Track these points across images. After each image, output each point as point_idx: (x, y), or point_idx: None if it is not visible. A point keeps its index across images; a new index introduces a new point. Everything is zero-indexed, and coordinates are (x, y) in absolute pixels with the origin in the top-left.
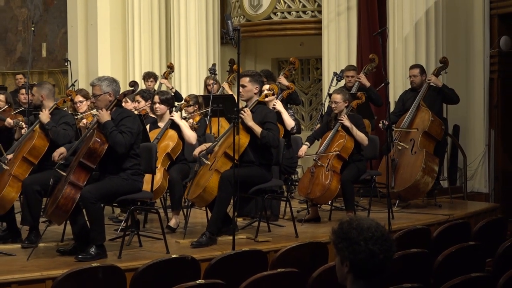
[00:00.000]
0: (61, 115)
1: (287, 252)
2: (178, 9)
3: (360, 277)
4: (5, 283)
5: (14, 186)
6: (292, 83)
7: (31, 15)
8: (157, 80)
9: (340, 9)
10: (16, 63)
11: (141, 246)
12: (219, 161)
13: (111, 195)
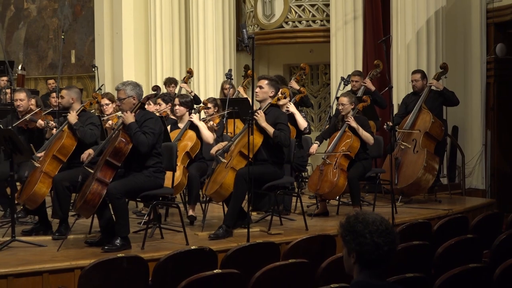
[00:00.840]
0: (87, 116)
1: (297, 244)
2: (196, 18)
3: (365, 267)
4: (37, 272)
5: (45, 182)
6: (303, 87)
7: (61, 24)
8: (177, 84)
9: (347, 19)
10: (47, 68)
11: (163, 238)
12: (234, 159)
13: (135, 191)
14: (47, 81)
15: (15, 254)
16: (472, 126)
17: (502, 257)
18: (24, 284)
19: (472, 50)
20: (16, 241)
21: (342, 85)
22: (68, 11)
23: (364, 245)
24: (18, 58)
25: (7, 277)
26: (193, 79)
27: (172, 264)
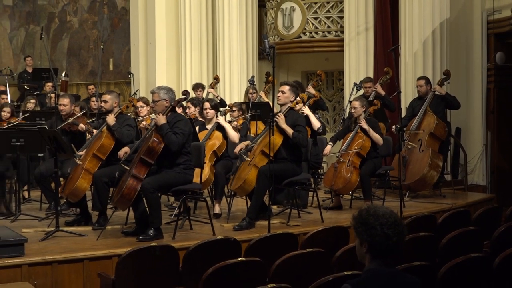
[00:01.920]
0: (124, 118)
1: (314, 235)
2: (222, 30)
3: (376, 256)
4: (78, 259)
5: (86, 178)
6: (319, 92)
7: (101, 35)
8: (204, 89)
9: (360, 30)
10: (87, 75)
11: (192, 229)
12: (257, 158)
13: (166, 186)
14: (88, 86)
15: (58, 243)
16: (474, 128)
17: (501, 247)
18: (66, 270)
19: (474, 58)
20: (59, 231)
21: (354, 90)
22: (106, 23)
23: (375, 236)
24: (62, 66)
25: (52, 264)
26: (219, 84)
27: (200, 253)
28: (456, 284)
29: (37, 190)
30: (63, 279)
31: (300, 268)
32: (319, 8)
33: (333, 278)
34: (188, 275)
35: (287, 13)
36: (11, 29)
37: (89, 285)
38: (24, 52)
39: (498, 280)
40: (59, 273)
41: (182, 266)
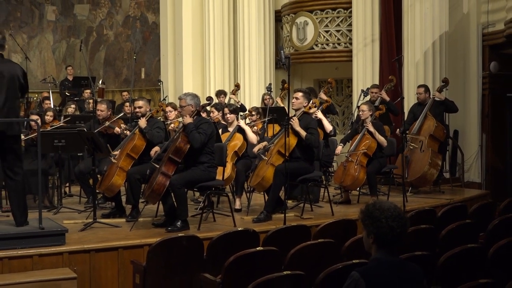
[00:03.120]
0: (154, 121)
1: (325, 227)
2: (243, 42)
3: (382, 246)
4: (113, 248)
5: (120, 175)
6: (330, 98)
7: (134, 47)
8: (227, 95)
9: (366, 41)
10: (122, 83)
11: (215, 221)
12: (273, 157)
13: (192, 182)
14: (122, 93)
15: (96, 233)
16: (470, 130)
17: (495, 238)
18: (103, 257)
19: (470, 67)
20: (97, 222)
21: (362, 96)
22: (139, 36)
23: (380, 228)
24: (99, 74)
25: (90, 252)
26: (240, 91)
27: (223, 242)
28: (454, 272)
29: (76, 185)
30: (99, 265)
31: (313, 257)
32: (329, 22)
33: (342, 266)
34: (212, 262)
35: (301, 27)
36: (54, 42)
37: (123, 272)
38: (66, 62)
39: (492, 268)
40: (96, 260)
41: (206, 255)
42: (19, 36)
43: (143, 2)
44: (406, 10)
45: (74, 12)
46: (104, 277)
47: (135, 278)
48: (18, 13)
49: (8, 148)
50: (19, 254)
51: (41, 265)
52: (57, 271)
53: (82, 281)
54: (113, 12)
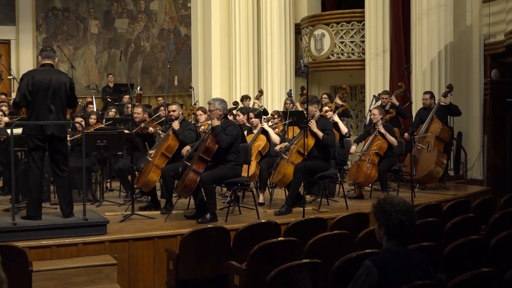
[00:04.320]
0: (186, 124)
1: (340, 219)
2: (266, 52)
3: (392, 237)
4: (149, 237)
5: (156, 172)
6: (345, 102)
7: (168, 57)
8: (251, 100)
9: (378, 52)
10: (157, 89)
11: (240, 214)
12: (293, 156)
13: (220, 178)
14: (157, 98)
15: (134, 224)
16: (473, 132)
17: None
18: (140, 246)
19: (473, 74)
20: (135, 214)
21: (374, 101)
22: (172, 47)
23: (391, 221)
24: (137, 82)
25: (128, 241)
26: (263, 96)
27: (248, 233)
28: (458, 261)
29: (117, 181)
30: (137, 253)
31: (329, 247)
32: (344, 34)
33: (356, 255)
34: (238, 251)
35: (318, 38)
36: (96, 52)
37: (158, 259)
38: (107, 70)
39: (493, 258)
40: (134, 248)
41: (233, 244)
42: (66, 48)
43: (176, 16)
44: (414, 23)
45: (115, 25)
46: (141, 263)
47: (169, 264)
48: (65, 27)
49: (56, 149)
50: (66, 242)
51: (85, 252)
52: (99, 258)
53: (121, 267)
54: (150, 26)
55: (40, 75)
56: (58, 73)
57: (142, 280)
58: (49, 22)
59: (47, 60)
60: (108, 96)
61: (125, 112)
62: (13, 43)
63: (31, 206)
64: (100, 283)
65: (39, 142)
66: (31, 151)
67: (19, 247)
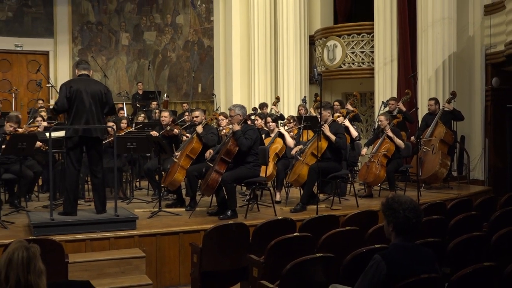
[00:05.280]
0: (209, 128)
1: (351, 217)
2: (282, 61)
3: (400, 233)
4: (175, 232)
5: (181, 172)
6: (355, 108)
7: (192, 66)
8: (269, 106)
9: (386, 61)
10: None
11: (259, 211)
12: (308, 158)
13: (240, 178)
14: (182, 104)
15: (161, 220)
16: (475, 135)
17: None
18: (166, 240)
19: (475, 82)
20: (162, 211)
21: (382, 107)
22: (196, 57)
23: (399, 218)
24: (164, 89)
25: (156, 235)
26: (279, 103)
27: (265, 229)
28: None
29: (145, 181)
30: (164, 247)
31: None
32: (355, 45)
33: (366, 250)
34: (256, 245)
35: (331, 49)
36: (127, 62)
37: (183, 252)
38: (136, 79)
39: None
40: (161, 242)
41: (251, 239)
42: (99, 58)
43: (200, 29)
44: (420, 34)
45: (144, 38)
46: (168, 256)
47: (193, 257)
48: (99, 39)
49: (93, 150)
50: (98, 236)
51: (116, 245)
52: (129, 251)
53: (149, 259)
54: (175, 38)
55: (78, 85)
56: (94, 82)
57: (168, 272)
58: (84, 34)
59: (84, 71)
60: (137, 102)
61: (153, 117)
62: (51, 54)
63: (67, 203)
64: (130, 274)
65: (77, 144)
66: (69, 151)
67: (57, 241)
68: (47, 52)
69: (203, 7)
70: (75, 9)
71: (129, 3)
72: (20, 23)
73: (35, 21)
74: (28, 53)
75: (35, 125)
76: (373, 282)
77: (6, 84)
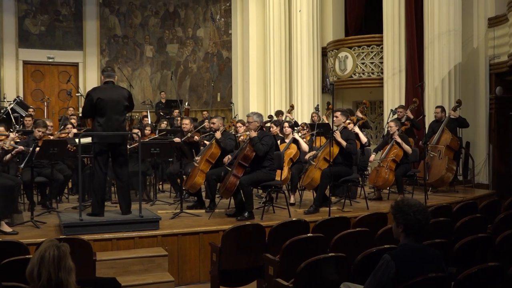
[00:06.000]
0: (227, 134)
1: (362, 218)
2: (296, 72)
3: (409, 235)
4: (196, 232)
5: (201, 176)
6: (365, 116)
7: (212, 76)
8: (284, 114)
9: (395, 71)
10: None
11: (274, 212)
12: (320, 162)
13: (257, 182)
14: (202, 112)
15: (182, 221)
16: (479, 142)
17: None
18: (187, 239)
19: (479, 91)
20: (183, 212)
21: (391, 114)
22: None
23: (409, 220)
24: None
25: (178, 235)
26: (294, 110)
27: (281, 229)
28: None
29: (167, 184)
30: (185, 246)
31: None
32: (365, 56)
33: (376, 249)
34: (272, 245)
35: (342, 60)
36: (151, 73)
37: (203, 251)
38: (160, 88)
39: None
40: (183, 242)
41: (267, 239)
42: (125, 69)
43: (219, 42)
44: (427, 46)
45: (166, 50)
46: (189, 255)
47: (212, 256)
48: (125, 51)
49: (118, 154)
50: (124, 236)
51: (140, 244)
52: (152, 250)
53: (171, 258)
54: (196, 50)
55: (104, 92)
56: (118, 88)
57: (189, 270)
58: (111, 47)
59: (109, 79)
60: (160, 110)
61: (175, 124)
62: (81, 65)
63: (95, 204)
64: (153, 271)
65: (104, 149)
66: (97, 156)
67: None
68: (77, 63)
69: (222, 21)
70: (103, 23)
71: (153, 17)
72: (52, 36)
73: (66, 35)
74: (59, 64)
75: (65, 132)
76: (383, 280)
77: (39, 94)
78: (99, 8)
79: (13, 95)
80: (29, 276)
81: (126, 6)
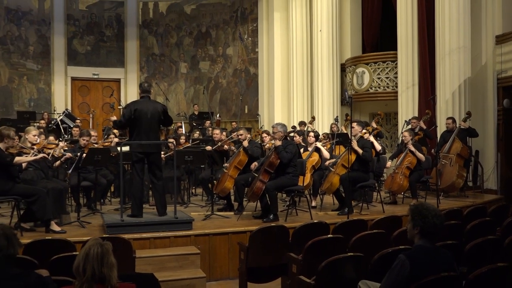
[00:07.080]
0: (253, 143)
1: (378, 221)
2: (317, 86)
3: (424, 236)
4: (225, 233)
5: (230, 181)
6: (380, 126)
7: (240, 91)
8: (306, 125)
9: (408, 85)
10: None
11: (297, 215)
12: (338, 168)
13: (281, 187)
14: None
15: (213, 222)
16: (488, 150)
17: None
18: (217, 239)
19: (488, 103)
20: (214, 214)
21: (405, 125)
22: (243, 83)
23: (427, 223)
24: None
25: (209, 235)
26: (315, 121)
27: (303, 231)
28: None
29: (200, 188)
30: (215, 245)
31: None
32: (381, 71)
33: (392, 250)
34: (295, 245)
35: (359, 75)
36: (185, 87)
37: (232, 250)
38: (193, 101)
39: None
40: (213, 241)
41: (291, 239)
42: (162, 84)
43: (246, 59)
44: (438, 61)
45: (199, 67)
46: (219, 253)
47: (240, 254)
48: (162, 68)
49: (153, 162)
50: (160, 235)
51: (175, 243)
52: (186, 248)
53: (203, 256)
54: (226, 67)
55: (140, 105)
56: (153, 102)
57: (219, 267)
58: (149, 64)
59: (145, 93)
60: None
61: (207, 134)
62: (122, 81)
63: (134, 206)
64: (186, 268)
65: (140, 156)
66: (134, 163)
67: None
68: (119, 79)
69: (249, 40)
70: (142, 43)
71: (187, 37)
72: (97, 55)
73: (109, 54)
74: (103, 80)
75: (108, 141)
76: (398, 279)
77: (85, 107)
78: (139, 30)
79: (62, 108)
80: (75, 271)
81: (163, 27)
